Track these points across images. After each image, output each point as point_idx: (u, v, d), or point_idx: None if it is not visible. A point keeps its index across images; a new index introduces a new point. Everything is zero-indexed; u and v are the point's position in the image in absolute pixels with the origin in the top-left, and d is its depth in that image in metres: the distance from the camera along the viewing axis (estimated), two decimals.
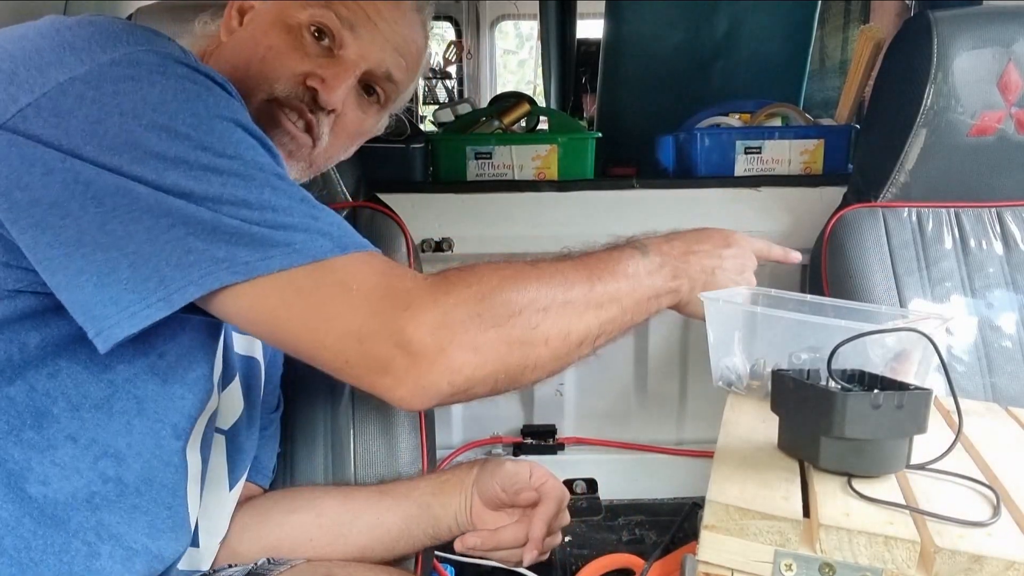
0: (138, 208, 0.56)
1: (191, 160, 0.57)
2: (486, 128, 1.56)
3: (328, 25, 0.76)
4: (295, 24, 0.76)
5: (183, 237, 0.56)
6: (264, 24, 0.77)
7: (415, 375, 0.59)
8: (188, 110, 0.58)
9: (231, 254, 0.56)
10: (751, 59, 1.98)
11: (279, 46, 0.75)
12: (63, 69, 0.57)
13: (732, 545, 0.62)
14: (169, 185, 0.56)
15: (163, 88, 0.58)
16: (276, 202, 0.59)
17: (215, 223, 0.56)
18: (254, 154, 0.61)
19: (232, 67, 0.75)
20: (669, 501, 1.51)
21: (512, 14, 4.42)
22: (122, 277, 0.56)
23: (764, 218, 1.45)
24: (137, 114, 0.57)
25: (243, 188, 0.58)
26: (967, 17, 1.19)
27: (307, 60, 0.76)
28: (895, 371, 0.85)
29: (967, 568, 0.57)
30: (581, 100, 3.09)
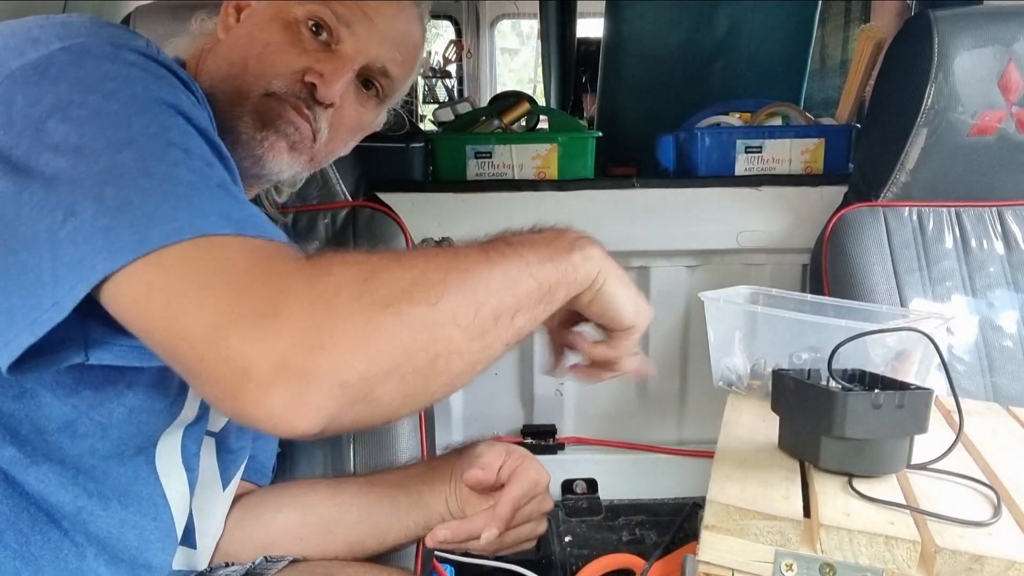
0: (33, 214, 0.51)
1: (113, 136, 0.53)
2: (486, 127, 1.56)
3: (325, 20, 0.76)
4: (292, 20, 0.76)
5: (72, 232, 0.50)
6: (261, 20, 0.77)
7: (289, 378, 0.46)
8: (125, 90, 0.56)
9: (109, 240, 0.49)
10: (751, 59, 1.98)
11: (276, 42, 0.75)
12: (19, 59, 0.57)
13: (732, 545, 0.62)
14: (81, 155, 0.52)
15: (105, 72, 0.57)
16: (181, 175, 0.53)
17: (98, 203, 0.50)
18: (183, 138, 0.56)
19: (229, 63, 0.75)
20: (669, 501, 1.51)
21: (512, 13, 4.42)
22: (13, 286, 0.51)
23: (764, 218, 1.45)
24: (76, 89, 0.55)
25: (152, 158, 0.53)
26: (967, 16, 1.19)
27: (305, 55, 0.75)
28: (896, 371, 0.85)
29: (968, 568, 0.57)
30: (581, 100, 3.09)
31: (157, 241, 0.49)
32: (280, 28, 0.75)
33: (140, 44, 0.61)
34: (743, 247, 1.45)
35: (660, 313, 1.50)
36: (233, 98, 0.73)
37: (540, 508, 0.82)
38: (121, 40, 0.60)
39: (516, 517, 0.79)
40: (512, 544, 0.81)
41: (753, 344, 0.97)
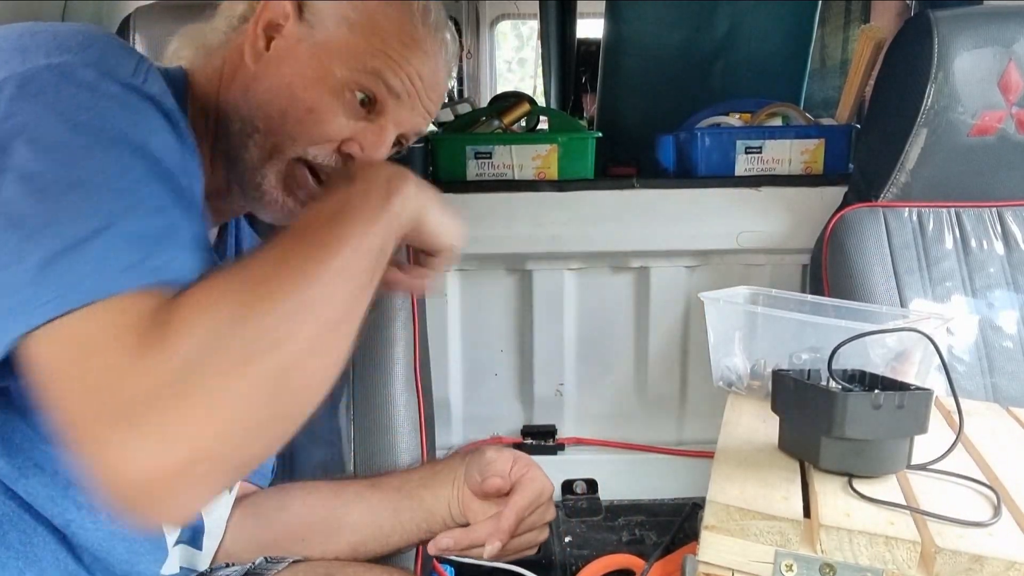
0: None
1: (67, 172, 0.52)
2: (486, 128, 1.56)
3: (375, 94, 0.73)
4: (341, 86, 0.72)
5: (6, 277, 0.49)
6: (304, 77, 0.72)
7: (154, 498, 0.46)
8: (95, 124, 0.54)
9: (25, 299, 0.48)
10: (751, 59, 1.98)
11: (321, 110, 0.71)
12: (4, 69, 0.56)
13: (732, 545, 0.62)
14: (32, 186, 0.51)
15: (81, 102, 0.55)
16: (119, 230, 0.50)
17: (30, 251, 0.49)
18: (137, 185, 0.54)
19: (266, 114, 0.72)
20: (669, 501, 1.51)
21: (512, 14, 4.42)
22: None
23: (764, 218, 1.45)
24: (48, 114, 0.54)
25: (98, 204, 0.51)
26: (967, 17, 1.19)
27: (347, 126, 0.73)
28: (896, 371, 0.85)
29: (968, 568, 0.57)
30: (581, 100, 3.09)
31: (59, 307, 0.47)
32: (325, 92, 0.72)
33: (128, 70, 0.58)
34: (743, 247, 1.45)
35: (660, 313, 1.52)
36: (264, 150, 0.72)
37: (543, 517, 0.83)
38: (108, 65, 0.58)
39: (520, 527, 0.79)
40: (513, 552, 0.81)
41: (753, 344, 0.97)
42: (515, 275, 1.52)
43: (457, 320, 1.53)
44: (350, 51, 0.72)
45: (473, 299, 1.52)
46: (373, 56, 0.72)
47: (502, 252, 1.47)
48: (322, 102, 0.72)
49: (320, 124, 0.72)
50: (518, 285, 1.53)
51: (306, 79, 0.72)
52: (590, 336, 1.55)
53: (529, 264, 1.49)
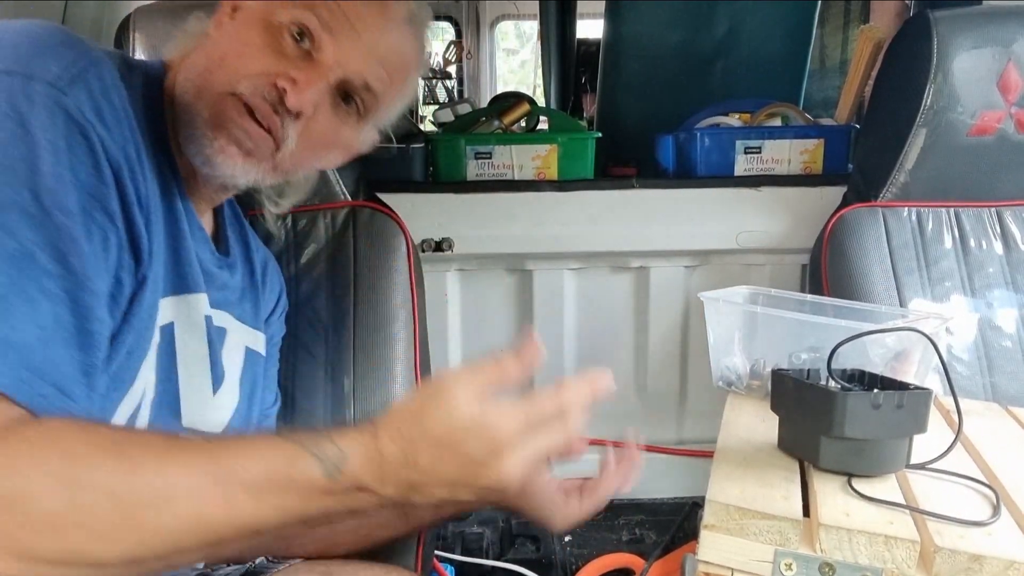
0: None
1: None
2: (486, 128, 1.56)
3: (308, 26, 0.72)
4: (276, 24, 0.73)
5: None
6: (246, 21, 0.74)
7: None
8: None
9: None
10: (751, 59, 1.98)
11: (256, 43, 0.72)
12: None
13: (732, 545, 0.63)
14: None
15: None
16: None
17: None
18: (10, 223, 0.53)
19: (207, 59, 0.73)
20: (669, 501, 1.52)
21: (512, 14, 4.43)
22: None
23: (764, 218, 1.45)
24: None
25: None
26: (967, 17, 1.19)
27: (281, 60, 0.72)
28: (895, 371, 0.85)
29: (967, 568, 0.57)
30: (581, 100, 3.09)
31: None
32: (262, 30, 0.72)
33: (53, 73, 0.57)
34: (742, 247, 1.45)
35: (660, 313, 1.52)
36: (198, 93, 0.71)
37: None
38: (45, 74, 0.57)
39: None
40: None
41: (752, 344, 0.97)
42: (515, 275, 1.52)
43: (457, 320, 1.53)
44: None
45: (473, 299, 1.52)
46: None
47: (502, 252, 1.47)
48: (258, 37, 0.72)
49: (253, 56, 0.72)
50: (518, 285, 1.53)
51: (247, 22, 0.73)
52: (590, 336, 1.55)
53: (529, 264, 1.49)
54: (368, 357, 1.06)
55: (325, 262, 1.09)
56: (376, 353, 1.06)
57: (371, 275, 1.09)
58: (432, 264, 1.43)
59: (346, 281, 1.08)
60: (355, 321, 1.06)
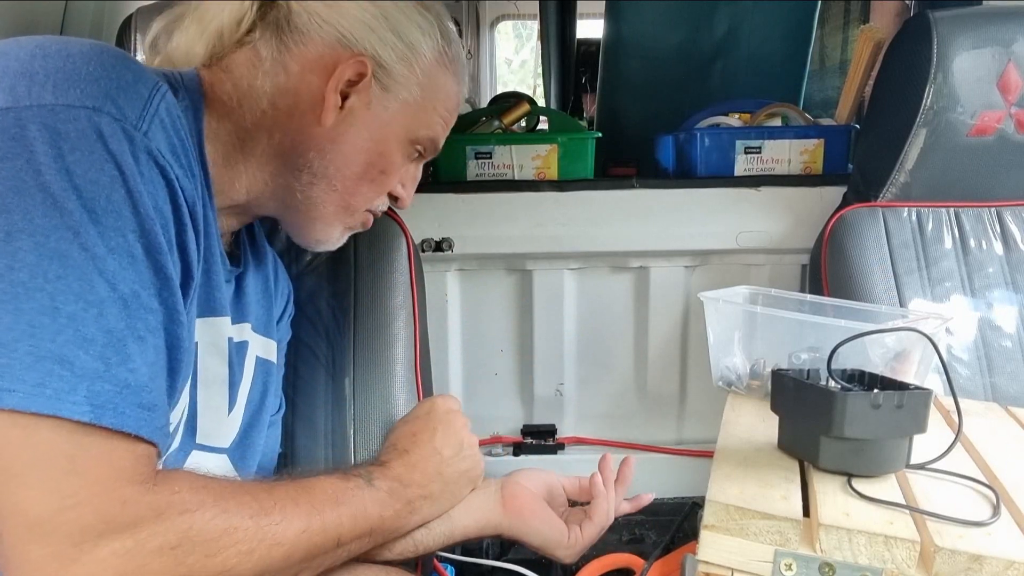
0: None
1: (50, 236, 0.53)
2: (486, 128, 1.56)
3: (428, 148, 0.82)
4: (413, 139, 0.80)
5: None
6: (382, 142, 0.77)
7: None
8: (89, 192, 0.54)
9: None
10: (751, 59, 1.98)
11: (394, 170, 0.80)
12: (9, 96, 0.55)
13: (732, 545, 0.63)
14: (8, 249, 0.52)
15: (81, 158, 0.54)
16: (84, 327, 0.53)
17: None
18: (121, 265, 0.55)
19: (343, 176, 0.77)
20: (669, 501, 1.51)
21: (512, 14, 4.42)
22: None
23: (764, 218, 1.45)
24: (37, 169, 0.53)
25: (71, 293, 0.53)
26: (967, 17, 1.19)
27: (405, 171, 0.82)
28: (895, 371, 0.85)
29: (967, 568, 0.57)
30: (581, 100, 3.09)
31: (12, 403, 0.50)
32: (399, 154, 0.80)
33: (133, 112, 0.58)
34: (742, 247, 1.45)
35: (660, 313, 1.52)
36: (340, 207, 0.79)
37: None
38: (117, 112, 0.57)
39: None
40: None
41: (752, 344, 0.97)
42: (515, 275, 1.52)
43: (457, 320, 1.53)
44: (417, 115, 0.79)
45: (473, 299, 1.53)
46: (435, 119, 0.80)
47: (502, 252, 1.47)
48: (395, 163, 0.79)
49: (390, 181, 0.80)
50: (518, 285, 1.53)
51: (383, 143, 0.78)
52: (590, 336, 1.55)
53: (529, 264, 1.49)
54: (368, 357, 1.06)
55: (326, 262, 1.09)
56: (376, 353, 1.06)
57: (371, 275, 1.09)
58: (432, 264, 1.43)
59: (346, 281, 1.08)
60: (355, 321, 1.06)
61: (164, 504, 0.56)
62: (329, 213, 0.78)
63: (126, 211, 0.56)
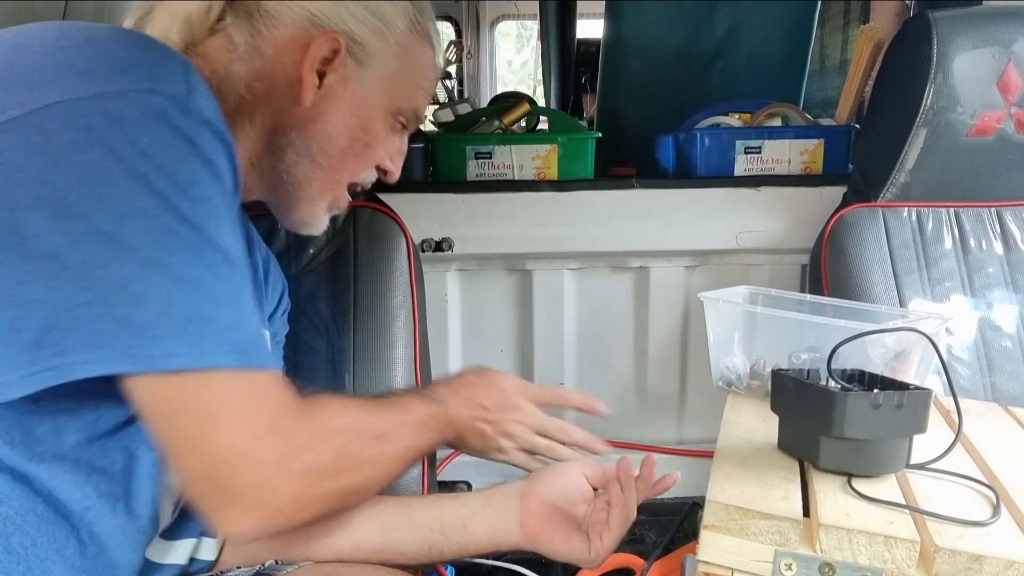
0: (61, 276, 0.54)
1: (154, 217, 0.56)
2: (486, 128, 1.56)
3: (410, 120, 0.82)
4: (394, 110, 0.80)
5: (98, 315, 0.54)
6: (363, 116, 0.78)
7: (260, 512, 0.62)
8: (170, 168, 0.57)
9: (136, 344, 0.55)
10: (751, 59, 1.98)
11: (377, 142, 0.80)
12: (58, 89, 0.56)
13: (732, 545, 0.63)
14: (118, 236, 0.55)
15: (152, 138, 0.57)
16: (213, 288, 0.58)
17: (134, 304, 0.55)
18: (216, 230, 0.59)
19: (326, 153, 0.77)
20: (669, 501, 1.50)
21: (512, 14, 4.42)
22: (22, 339, 0.54)
23: (764, 218, 1.45)
24: (118, 156, 0.55)
25: (190, 262, 0.57)
26: (967, 17, 1.19)
27: (391, 144, 0.82)
28: (895, 371, 0.85)
29: (967, 568, 0.57)
30: (581, 100, 3.09)
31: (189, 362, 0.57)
32: (381, 127, 0.80)
33: (182, 91, 0.59)
34: (742, 247, 1.45)
35: (659, 313, 1.52)
36: (325, 183, 0.79)
37: None
38: (170, 89, 0.59)
39: None
40: None
41: (752, 344, 0.97)
42: (515, 275, 1.52)
43: (457, 320, 1.53)
44: (396, 87, 0.79)
45: (473, 299, 1.53)
46: (414, 90, 0.81)
47: (502, 252, 1.47)
48: (379, 136, 0.80)
49: (376, 154, 0.80)
50: (518, 285, 1.53)
51: (364, 118, 0.78)
52: (590, 336, 1.55)
53: (529, 264, 1.49)
54: (368, 357, 1.06)
55: (326, 262, 1.09)
56: (376, 353, 1.06)
57: (371, 275, 1.09)
58: (432, 264, 1.43)
59: (346, 281, 1.08)
60: (355, 321, 1.07)
61: (321, 429, 0.66)
62: (315, 191, 0.79)
63: (205, 178, 0.59)
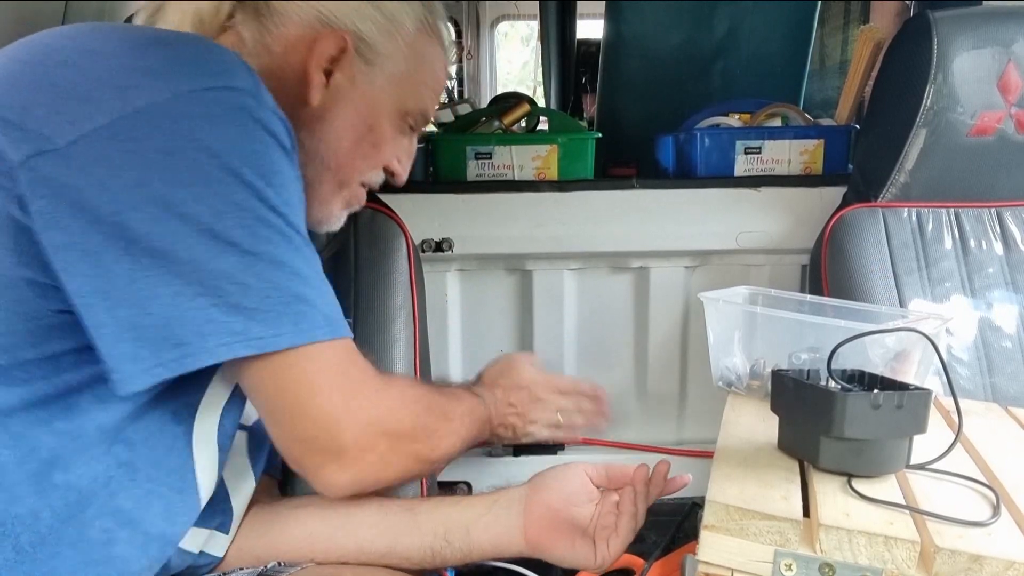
0: (171, 272, 0.58)
1: (248, 209, 0.60)
2: (486, 128, 1.56)
3: (419, 121, 0.83)
4: (402, 111, 0.80)
5: (206, 308, 0.59)
6: (372, 116, 0.78)
7: (357, 469, 0.69)
8: (256, 159, 0.61)
9: (247, 328, 0.60)
10: (751, 59, 1.98)
11: (386, 143, 0.81)
12: (142, 93, 0.58)
13: (732, 545, 0.63)
14: (219, 230, 0.59)
15: (238, 132, 0.60)
16: (302, 269, 0.64)
17: (240, 294, 0.60)
18: (295, 215, 0.64)
19: (335, 152, 0.78)
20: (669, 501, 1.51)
21: (512, 14, 4.42)
22: (140, 336, 0.59)
23: (764, 218, 1.45)
24: (211, 153, 0.59)
25: (282, 248, 0.62)
26: (967, 17, 1.19)
27: (399, 145, 0.83)
28: (895, 371, 0.85)
29: (967, 568, 0.57)
30: (581, 100, 3.09)
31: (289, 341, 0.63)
32: (389, 127, 0.80)
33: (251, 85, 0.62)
34: (742, 248, 1.45)
35: (660, 313, 1.52)
36: (335, 184, 0.80)
37: None
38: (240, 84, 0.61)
39: None
40: None
41: (752, 344, 0.97)
42: (515, 275, 1.52)
43: (457, 320, 1.53)
44: (404, 87, 0.79)
45: (473, 299, 1.52)
46: (423, 90, 0.81)
47: (502, 252, 1.47)
48: (386, 136, 0.80)
49: (383, 155, 0.81)
50: (518, 285, 1.53)
51: (371, 117, 0.79)
52: (590, 336, 1.55)
53: (529, 264, 1.49)
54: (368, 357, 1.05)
55: (325, 262, 1.08)
56: (376, 353, 1.06)
57: (371, 275, 1.09)
58: (432, 264, 1.43)
59: (346, 281, 1.08)
60: (355, 321, 1.06)
61: (400, 396, 0.74)
62: (326, 192, 0.80)
63: (284, 165, 0.63)
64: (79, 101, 0.58)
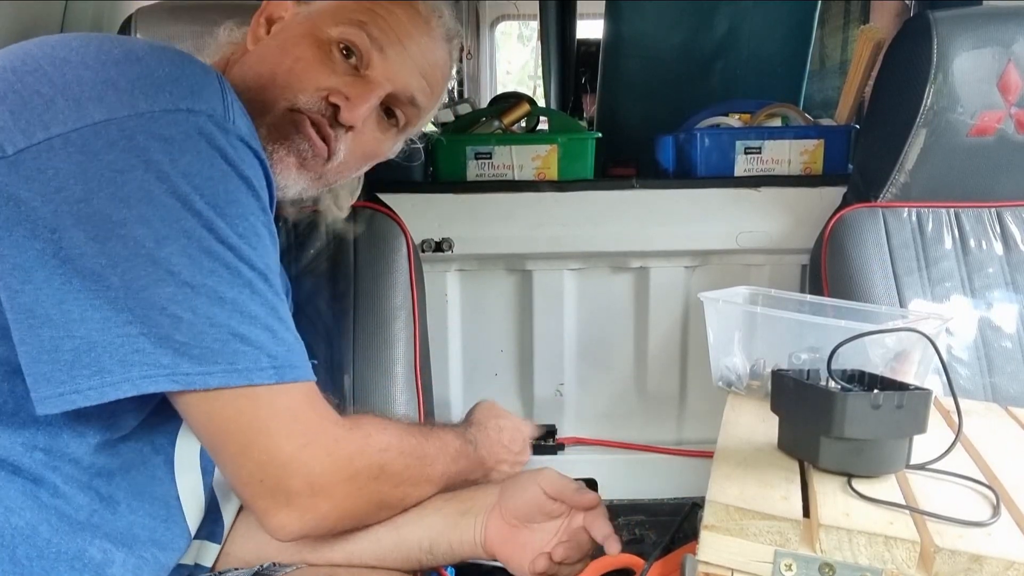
0: (101, 297, 0.56)
1: (194, 238, 0.58)
2: (486, 128, 1.56)
3: (358, 44, 0.76)
4: (325, 39, 0.76)
5: (135, 336, 0.56)
6: (294, 36, 0.77)
7: (308, 516, 0.66)
8: (210, 187, 0.59)
9: (175, 363, 0.58)
10: (751, 59, 1.98)
11: (307, 58, 0.75)
12: (101, 108, 0.56)
13: (732, 545, 0.62)
14: (160, 257, 0.56)
15: (193, 158, 0.58)
16: (247, 307, 0.60)
17: (172, 326, 0.57)
18: (251, 249, 0.61)
19: (256, 75, 0.75)
20: (669, 501, 1.51)
21: (512, 14, 4.42)
22: (60, 358, 0.56)
23: (764, 218, 1.45)
24: (161, 176, 0.57)
25: (226, 282, 0.59)
26: (967, 17, 1.19)
27: (333, 76, 0.76)
28: (895, 371, 0.85)
29: (967, 568, 0.57)
30: (581, 100, 3.09)
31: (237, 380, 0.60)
32: (311, 45, 0.76)
33: (219, 108, 0.60)
34: (742, 248, 1.45)
35: (659, 313, 1.52)
36: (256, 109, 0.73)
37: None
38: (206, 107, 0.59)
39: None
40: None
41: (752, 344, 0.97)
42: (515, 275, 1.52)
43: (457, 320, 1.53)
44: (337, 9, 0.77)
45: (473, 299, 1.53)
46: (359, 9, 0.76)
47: (502, 252, 1.47)
48: (308, 52, 0.76)
49: (306, 71, 0.76)
50: (518, 285, 1.53)
51: (295, 37, 0.76)
52: (590, 336, 1.55)
53: (529, 264, 1.49)
54: (368, 357, 1.06)
55: (326, 262, 1.09)
56: (376, 353, 1.06)
57: (371, 275, 1.09)
58: (432, 264, 1.43)
59: (347, 281, 1.08)
60: (355, 321, 1.07)
61: (363, 442, 0.70)
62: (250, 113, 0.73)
63: (244, 196, 0.61)
64: (37, 110, 0.56)
